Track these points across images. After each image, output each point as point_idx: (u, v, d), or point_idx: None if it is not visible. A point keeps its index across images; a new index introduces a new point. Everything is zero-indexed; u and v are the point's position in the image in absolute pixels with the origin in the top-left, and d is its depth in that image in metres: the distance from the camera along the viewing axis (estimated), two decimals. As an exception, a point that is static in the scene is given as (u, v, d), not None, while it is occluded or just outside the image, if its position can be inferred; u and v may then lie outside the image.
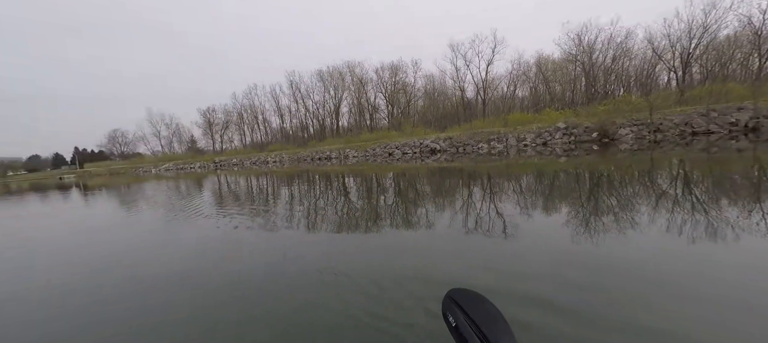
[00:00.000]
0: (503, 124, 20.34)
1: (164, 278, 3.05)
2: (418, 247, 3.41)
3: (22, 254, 4.57)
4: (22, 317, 2.46)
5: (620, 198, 4.88)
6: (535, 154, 13.71)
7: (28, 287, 3.13)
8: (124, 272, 3.35)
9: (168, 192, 11.89)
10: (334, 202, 6.80)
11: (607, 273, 2.37)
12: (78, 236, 5.57)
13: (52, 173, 62.03)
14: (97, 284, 3.06)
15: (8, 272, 3.75)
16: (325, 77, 45.78)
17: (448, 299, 0.96)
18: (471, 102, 39.32)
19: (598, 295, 2.05)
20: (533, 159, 12.12)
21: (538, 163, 10.73)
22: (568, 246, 2.98)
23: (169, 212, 7.29)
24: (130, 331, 2.08)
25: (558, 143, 16.37)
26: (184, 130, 58.62)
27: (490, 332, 0.81)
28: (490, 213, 4.45)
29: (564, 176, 7.63)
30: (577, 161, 10.32)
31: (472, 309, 0.89)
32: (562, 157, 11.84)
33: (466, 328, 0.85)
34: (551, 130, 16.80)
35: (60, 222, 7.52)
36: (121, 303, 2.54)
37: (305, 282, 2.65)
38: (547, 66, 35.50)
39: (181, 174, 26.80)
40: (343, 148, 27.12)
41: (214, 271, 3.14)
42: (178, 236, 4.92)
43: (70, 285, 3.06)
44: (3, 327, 2.33)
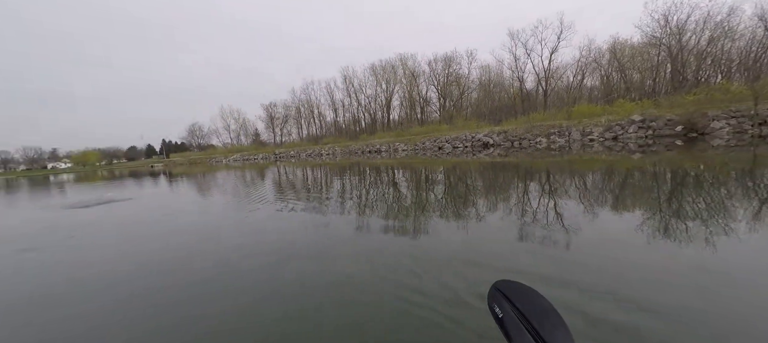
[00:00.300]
0: (566, 117, 18.61)
1: (240, 251, 3.49)
2: (461, 241, 3.36)
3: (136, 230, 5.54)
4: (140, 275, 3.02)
5: (710, 203, 4.16)
6: (602, 150, 12.34)
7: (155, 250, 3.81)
8: (211, 246, 3.89)
9: (237, 182, 13.23)
10: (381, 192, 6.99)
11: (685, 294, 2.02)
12: (172, 218, 6.55)
13: (145, 162, 73.00)
14: (188, 254, 3.62)
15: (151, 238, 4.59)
16: (377, 71, 46.48)
17: (494, 289, 0.92)
18: (530, 93, 36.62)
19: (668, 317, 1.78)
20: (601, 155, 10.94)
21: (606, 160, 9.67)
22: (637, 256, 2.62)
23: (240, 198, 8.18)
24: (216, 290, 2.46)
25: (631, 138, 14.48)
26: (249, 124, 64.43)
27: (541, 325, 0.76)
28: (544, 212, 4.18)
29: (639, 175, 6.78)
30: (655, 158, 9.07)
31: (521, 301, 0.84)
32: (636, 154, 10.51)
33: (513, 319, 0.81)
34: (624, 123, 14.89)
35: (157, 206, 8.88)
36: (215, 270, 3.03)
37: (353, 265, 2.81)
38: (623, 52, 31.42)
39: (247, 164, 29.57)
40: (393, 142, 27.39)
41: (275, 246, 3.50)
42: (245, 218, 5.50)
43: (173, 253, 3.67)
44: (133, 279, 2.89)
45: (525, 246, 3.06)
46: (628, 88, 30.14)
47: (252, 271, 2.92)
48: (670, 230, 3.15)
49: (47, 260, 3.86)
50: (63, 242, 4.68)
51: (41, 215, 7.69)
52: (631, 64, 31.35)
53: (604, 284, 2.17)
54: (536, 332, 0.75)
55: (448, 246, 3.20)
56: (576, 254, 2.75)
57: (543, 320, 0.77)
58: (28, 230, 5.94)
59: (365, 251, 3.21)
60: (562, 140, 16.59)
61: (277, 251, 3.49)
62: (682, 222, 3.35)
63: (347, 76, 49.29)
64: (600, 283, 2.20)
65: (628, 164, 8.39)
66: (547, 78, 34.02)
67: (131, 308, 2.39)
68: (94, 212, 7.45)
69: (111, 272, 3.24)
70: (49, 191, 15.76)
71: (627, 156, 10.06)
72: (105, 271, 3.30)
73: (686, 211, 3.78)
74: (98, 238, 4.83)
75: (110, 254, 3.93)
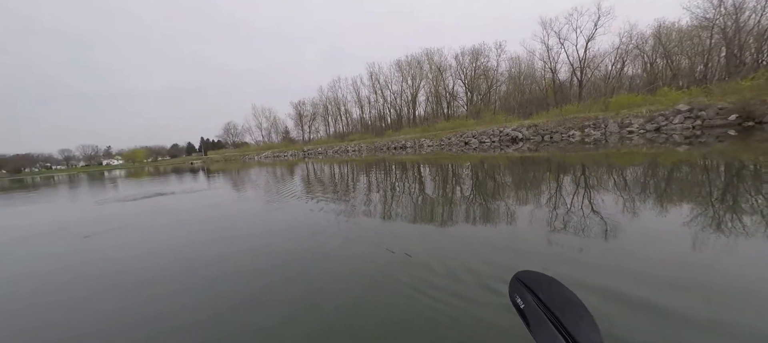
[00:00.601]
0: (603, 109, 17.52)
1: (269, 241, 3.74)
2: (484, 236, 3.35)
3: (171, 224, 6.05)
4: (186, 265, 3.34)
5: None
6: (643, 143, 11.53)
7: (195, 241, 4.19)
8: (241, 240, 4.19)
9: (269, 177, 13.86)
10: (403, 187, 7.07)
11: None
12: (211, 210, 7.05)
13: (186, 159, 78.08)
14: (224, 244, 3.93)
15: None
16: (403, 67, 46.37)
17: (515, 280, 0.91)
18: (564, 85, 34.82)
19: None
20: (641, 148, 10.24)
21: (646, 153, 9.05)
22: (682, 257, 2.37)
23: (272, 193, 8.62)
24: (247, 280, 2.69)
25: (677, 129, 13.36)
26: (279, 122, 66.87)
27: (564, 316, 0.74)
28: (576, 207, 4.05)
29: (686, 169, 6.30)
30: (704, 150, 8.36)
31: (543, 292, 0.83)
32: (681, 146, 9.74)
33: (535, 310, 0.80)
34: (668, 113, 13.73)
35: (199, 201, 9.57)
36: (246, 259, 3.26)
37: (378, 256, 2.93)
38: (669, 36, 28.95)
39: (277, 161, 30.74)
40: (418, 138, 27.26)
41: (302, 241, 3.70)
42: (274, 211, 5.82)
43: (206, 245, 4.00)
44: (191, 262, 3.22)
45: (556, 244, 3.01)
46: (675, 76, 27.76)
47: (273, 264, 3.11)
48: (723, 231, 2.83)
49: (105, 244, 4.34)
50: (118, 229, 5.23)
51: (99, 207, 8.55)
52: (679, 49, 28.83)
53: (644, 285, 2.05)
54: (560, 322, 0.74)
55: (472, 241, 3.21)
56: (613, 254, 2.56)
57: (566, 311, 0.76)
58: (90, 218, 6.67)
59: (392, 242, 3.30)
60: (597, 133, 15.63)
61: (298, 245, 3.68)
62: (738, 221, 3.04)
63: (373, 73, 49.65)
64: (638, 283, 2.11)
65: (671, 157, 7.79)
66: (582, 68, 32.18)
67: (174, 286, 2.68)
68: (144, 204, 8.18)
69: (161, 252, 3.61)
70: (104, 185, 17.39)
71: (671, 149, 9.35)
72: (156, 250, 3.68)
73: (742, 209, 3.41)
74: (147, 226, 5.35)
75: (157, 239, 4.35)
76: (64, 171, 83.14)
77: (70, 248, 4.32)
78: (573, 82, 33.46)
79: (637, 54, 31.53)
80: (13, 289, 3.00)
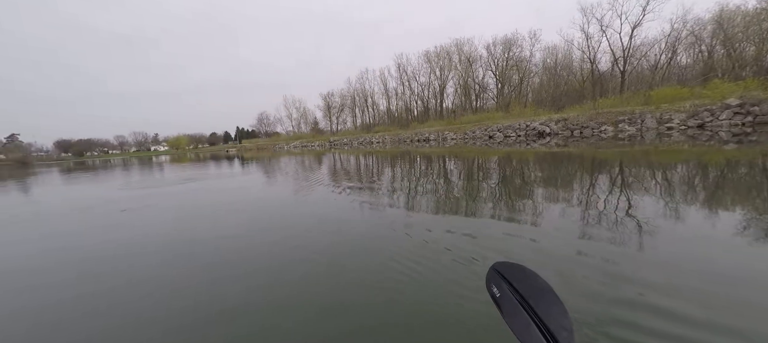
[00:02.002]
0: (643, 102, 16.26)
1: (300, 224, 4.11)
2: (485, 233, 3.43)
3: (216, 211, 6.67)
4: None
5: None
6: (684, 140, 10.67)
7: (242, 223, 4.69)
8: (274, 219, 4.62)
9: (297, 166, 14.53)
10: (419, 179, 7.22)
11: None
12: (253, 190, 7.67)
13: (222, 147, 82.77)
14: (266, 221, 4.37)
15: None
16: (431, 58, 45.61)
17: (492, 270, 0.94)
18: (604, 76, 32.45)
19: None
20: (682, 145, 9.51)
21: (686, 151, 8.42)
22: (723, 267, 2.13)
23: (302, 181, 9.14)
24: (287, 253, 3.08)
25: (723, 125, 12.15)
26: (309, 113, 68.69)
27: (537, 303, 0.79)
28: (592, 208, 4.00)
29: (734, 170, 5.83)
30: (755, 150, 7.63)
31: (518, 281, 0.87)
32: (729, 144, 8.96)
33: (510, 298, 0.84)
34: (715, 108, 12.46)
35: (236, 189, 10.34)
36: (283, 233, 3.70)
37: (392, 238, 3.21)
38: (732, 22, 25.89)
39: (305, 151, 31.83)
40: (442, 131, 26.93)
41: (326, 224, 4.04)
42: (302, 198, 6.24)
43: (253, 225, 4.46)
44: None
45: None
46: (734, 65, 24.88)
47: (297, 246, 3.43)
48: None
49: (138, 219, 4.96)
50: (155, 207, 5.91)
51: (146, 190, 9.53)
52: (744, 35, 25.67)
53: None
54: (532, 309, 0.79)
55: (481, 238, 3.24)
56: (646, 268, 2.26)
57: (539, 299, 0.81)
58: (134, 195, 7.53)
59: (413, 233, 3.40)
60: (632, 129, 14.55)
61: (319, 232, 4.00)
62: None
63: (401, 64, 49.33)
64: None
65: (716, 157, 7.16)
66: (625, 57, 29.73)
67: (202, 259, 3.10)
68: (187, 188, 9.02)
69: (187, 230, 4.11)
70: (152, 169, 19.11)
71: (715, 147, 8.61)
72: (181, 229, 4.19)
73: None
74: (179, 206, 5.98)
75: (190, 218, 4.90)
76: (119, 155, 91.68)
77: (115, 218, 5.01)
78: (614, 73, 31.08)
79: (693, 41, 28.57)
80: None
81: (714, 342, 1.46)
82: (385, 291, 2.14)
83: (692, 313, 1.66)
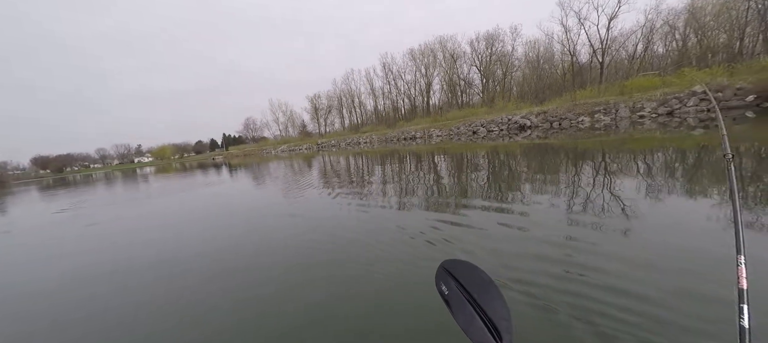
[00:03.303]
0: (619, 92, 16.77)
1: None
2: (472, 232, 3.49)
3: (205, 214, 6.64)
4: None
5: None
6: (656, 127, 11.09)
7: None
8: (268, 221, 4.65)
9: (287, 170, 14.46)
10: (402, 177, 7.35)
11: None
12: (244, 197, 7.63)
13: (208, 155, 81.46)
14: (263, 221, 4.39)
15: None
16: (416, 56, 45.77)
17: (441, 269, 0.99)
18: (584, 68, 33.19)
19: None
20: (655, 133, 9.89)
21: (656, 138, 8.76)
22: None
23: (290, 185, 9.13)
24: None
25: (690, 112, 12.68)
26: (296, 116, 68.13)
27: (480, 297, 0.85)
28: (563, 198, 4.17)
29: (697, 154, 6.14)
30: (718, 134, 7.96)
31: (464, 277, 0.92)
32: (696, 129, 9.35)
33: (457, 294, 0.89)
34: (682, 95, 12.98)
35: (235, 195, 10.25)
36: (282, 234, 3.65)
37: (383, 235, 3.31)
38: (703, 11, 26.83)
39: (292, 155, 31.63)
40: (428, 128, 27.18)
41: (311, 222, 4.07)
42: (292, 200, 6.27)
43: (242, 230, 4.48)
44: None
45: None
46: (705, 53, 25.81)
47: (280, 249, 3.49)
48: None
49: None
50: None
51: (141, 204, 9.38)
52: (716, 23, 26.62)
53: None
54: (477, 303, 0.86)
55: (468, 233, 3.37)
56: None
57: (482, 292, 0.87)
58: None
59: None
60: (607, 118, 15.03)
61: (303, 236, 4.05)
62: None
63: (386, 63, 49.37)
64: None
65: (687, 143, 7.49)
66: (603, 49, 30.51)
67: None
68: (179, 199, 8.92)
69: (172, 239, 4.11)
70: (137, 182, 18.71)
71: (685, 133, 8.99)
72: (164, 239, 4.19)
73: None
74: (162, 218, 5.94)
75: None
76: (101, 169, 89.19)
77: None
78: (594, 65, 31.86)
79: (668, 31, 29.48)
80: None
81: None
82: (381, 293, 2.23)
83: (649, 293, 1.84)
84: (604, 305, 1.78)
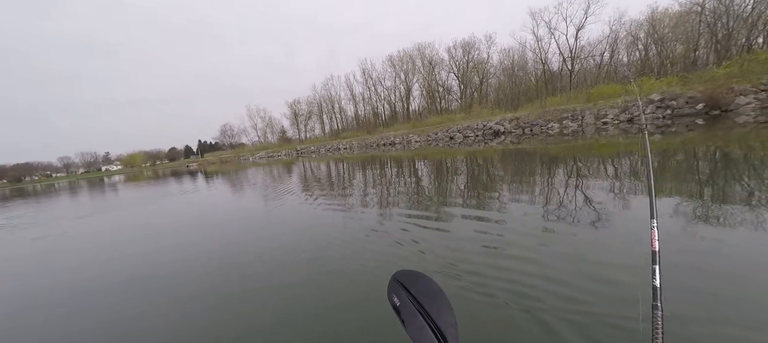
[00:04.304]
0: (585, 100, 17.61)
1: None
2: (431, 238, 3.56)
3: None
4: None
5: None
6: (618, 133, 11.71)
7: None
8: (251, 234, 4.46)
9: (266, 177, 14.10)
10: (379, 183, 7.36)
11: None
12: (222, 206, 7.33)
13: (183, 162, 78.48)
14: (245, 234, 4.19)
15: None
16: (395, 62, 46.19)
17: (393, 280, 0.99)
18: (555, 76, 34.65)
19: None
20: (617, 138, 10.43)
21: (619, 143, 9.25)
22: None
23: (269, 193, 8.87)
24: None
25: (649, 119, 13.51)
26: (275, 122, 66.96)
27: (430, 306, 0.87)
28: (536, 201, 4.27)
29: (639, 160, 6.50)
30: (672, 140, 8.53)
31: (415, 287, 0.93)
32: (654, 135, 9.92)
33: (408, 305, 0.90)
34: (641, 103, 13.80)
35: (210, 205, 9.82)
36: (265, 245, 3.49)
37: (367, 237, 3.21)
38: (663, 23, 28.72)
39: (271, 161, 30.98)
40: (407, 134, 27.41)
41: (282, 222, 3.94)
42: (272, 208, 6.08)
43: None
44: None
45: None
46: (663, 63, 27.61)
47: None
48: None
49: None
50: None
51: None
52: (673, 34, 28.56)
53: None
54: (427, 312, 0.88)
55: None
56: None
57: (431, 302, 0.89)
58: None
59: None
60: (574, 125, 15.78)
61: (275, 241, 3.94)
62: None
63: (366, 69, 49.54)
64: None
65: (640, 148, 7.95)
66: (572, 58, 32.03)
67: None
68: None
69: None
70: (104, 192, 17.70)
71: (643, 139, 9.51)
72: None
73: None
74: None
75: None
76: (65, 178, 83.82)
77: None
78: (564, 73, 33.35)
79: (631, 41, 31.33)
80: None
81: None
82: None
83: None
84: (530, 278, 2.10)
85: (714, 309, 1.70)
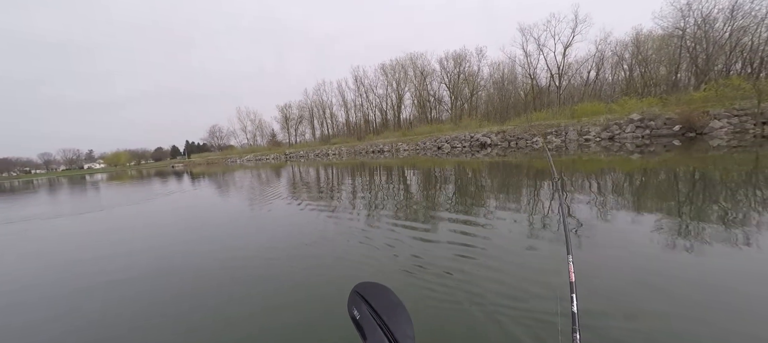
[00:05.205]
0: (570, 116, 18.01)
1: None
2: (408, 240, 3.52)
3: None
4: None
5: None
6: (599, 150, 11.94)
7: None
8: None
9: (253, 180, 13.84)
10: (367, 189, 7.27)
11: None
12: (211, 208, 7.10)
13: (169, 162, 76.83)
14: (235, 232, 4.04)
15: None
16: (387, 70, 46.51)
17: (353, 293, 0.98)
18: (543, 91, 35.43)
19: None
20: (599, 155, 10.64)
21: (601, 161, 9.43)
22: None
23: (257, 198, 8.65)
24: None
25: (628, 138, 13.89)
26: (265, 125, 66.30)
27: (389, 318, 0.87)
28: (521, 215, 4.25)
29: (640, 177, 6.61)
30: (652, 160, 8.73)
31: (375, 299, 0.93)
32: (634, 154, 10.16)
33: (368, 318, 0.89)
34: (622, 122, 14.21)
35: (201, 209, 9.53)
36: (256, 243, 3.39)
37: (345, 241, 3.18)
38: (647, 45, 29.78)
39: (259, 164, 30.61)
40: (396, 142, 27.51)
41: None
42: (256, 210, 5.91)
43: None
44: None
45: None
46: (647, 83, 28.54)
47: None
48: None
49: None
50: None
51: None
52: (657, 56, 29.61)
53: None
54: (386, 324, 0.86)
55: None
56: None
57: (391, 314, 0.89)
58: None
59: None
60: (558, 140, 16.09)
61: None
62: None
63: (358, 77, 49.73)
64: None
65: (628, 166, 8.13)
66: (560, 74, 32.84)
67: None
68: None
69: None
70: (86, 190, 17.08)
71: (625, 157, 9.73)
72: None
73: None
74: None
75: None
76: (44, 175, 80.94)
77: None
78: (552, 88, 34.13)
79: (616, 61, 32.32)
80: None
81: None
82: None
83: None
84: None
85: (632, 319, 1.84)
